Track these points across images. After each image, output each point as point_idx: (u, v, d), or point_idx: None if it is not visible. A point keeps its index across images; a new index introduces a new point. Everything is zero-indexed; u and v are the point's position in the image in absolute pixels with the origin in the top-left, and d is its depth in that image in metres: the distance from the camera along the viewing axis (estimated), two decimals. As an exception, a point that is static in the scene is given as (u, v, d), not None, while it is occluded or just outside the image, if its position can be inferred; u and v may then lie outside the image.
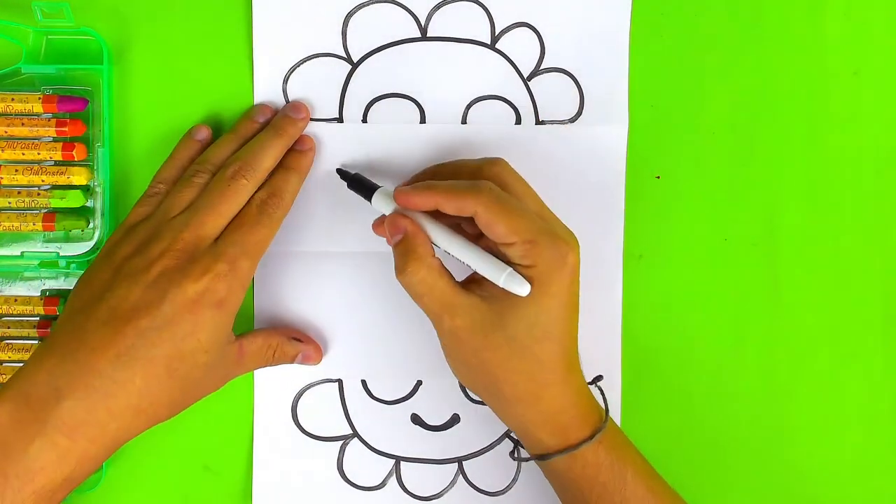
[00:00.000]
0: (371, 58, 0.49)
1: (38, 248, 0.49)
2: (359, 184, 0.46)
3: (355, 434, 0.50)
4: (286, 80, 0.49)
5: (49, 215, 0.48)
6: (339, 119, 0.49)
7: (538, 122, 0.50)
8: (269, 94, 0.49)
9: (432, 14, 0.49)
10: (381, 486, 0.50)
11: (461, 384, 0.50)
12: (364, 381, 0.50)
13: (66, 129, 0.48)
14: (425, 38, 0.49)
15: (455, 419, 0.50)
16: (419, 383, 0.50)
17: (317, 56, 0.49)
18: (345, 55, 0.49)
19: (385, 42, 0.49)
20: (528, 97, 0.50)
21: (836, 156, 0.50)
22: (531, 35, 0.49)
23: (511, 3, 0.49)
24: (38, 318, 0.49)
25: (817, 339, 0.50)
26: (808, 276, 0.50)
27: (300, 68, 0.49)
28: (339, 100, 0.49)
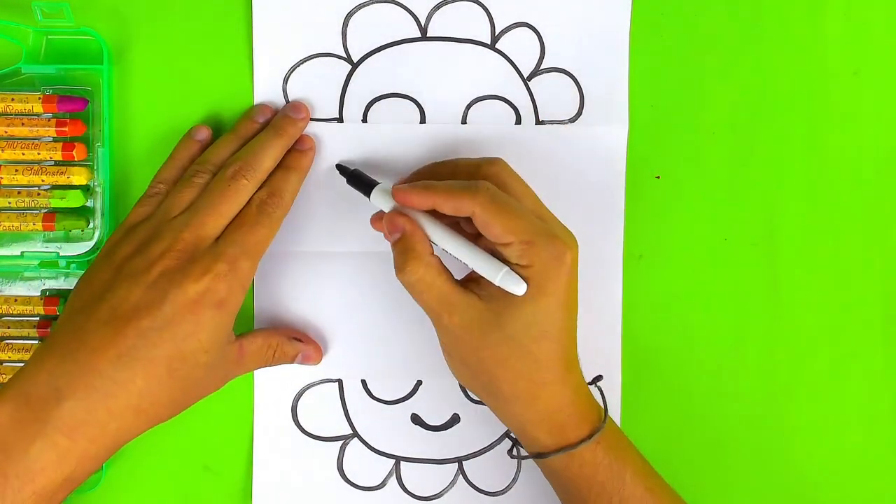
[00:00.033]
0: (371, 58, 0.49)
1: (38, 248, 0.49)
2: (358, 180, 0.46)
3: (355, 434, 0.50)
4: (286, 80, 0.49)
5: (49, 215, 0.48)
6: (339, 119, 0.49)
7: (538, 122, 0.50)
8: (269, 94, 0.49)
9: (432, 14, 0.49)
10: (381, 486, 0.50)
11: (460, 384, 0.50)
12: (364, 381, 0.50)
13: (66, 129, 0.48)
14: (425, 38, 0.49)
15: (455, 419, 0.50)
16: (419, 383, 0.50)
17: (317, 56, 0.49)
18: (345, 55, 0.49)
19: (385, 42, 0.49)
20: (528, 97, 0.50)
21: (836, 156, 0.50)
22: (531, 35, 0.49)
23: (511, 3, 0.49)
24: (38, 318, 0.49)
25: (817, 339, 0.50)
26: (808, 276, 0.50)
27: (300, 68, 0.49)
28: (339, 100, 0.49)
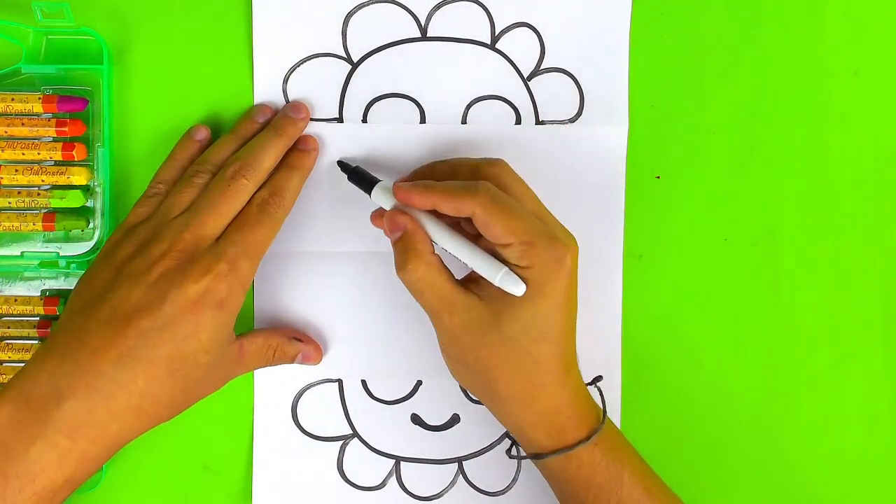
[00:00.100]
0: (371, 58, 0.49)
1: (38, 248, 0.49)
2: (359, 177, 0.46)
3: (355, 434, 0.50)
4: (286, 80, 0.49)
5: (49, 215, 0.48)
6: (339, 119, 0.49)
7: (538, 122, 0.50)
8: (269, 94, 0.49)
9: (432, 14, 0.49)
10: (381, 486, 0.50)
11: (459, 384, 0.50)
12: (364, 381, 0.50)
13: (66, 129, 0.48)
14: (425, 38, 0.49)
15: (455, 419, 0.50)
16: (419, 383, 0.50)
17: (317, 56, 0.49)
18: (345, 55, 0.49)
19: (385, 42, 0.49)
20: (528, 97, 0.50)
21: (836, 156, 0.50)
22: (531, 35, 0.49)
23: (511, 3, 0.49)
24: (38, 318, 0.49)
25: (817, 339, 0.50)
26: (808, 276, 0.50)
27: (300, 68, 0.49)
28: (339, 100, 0.49)
